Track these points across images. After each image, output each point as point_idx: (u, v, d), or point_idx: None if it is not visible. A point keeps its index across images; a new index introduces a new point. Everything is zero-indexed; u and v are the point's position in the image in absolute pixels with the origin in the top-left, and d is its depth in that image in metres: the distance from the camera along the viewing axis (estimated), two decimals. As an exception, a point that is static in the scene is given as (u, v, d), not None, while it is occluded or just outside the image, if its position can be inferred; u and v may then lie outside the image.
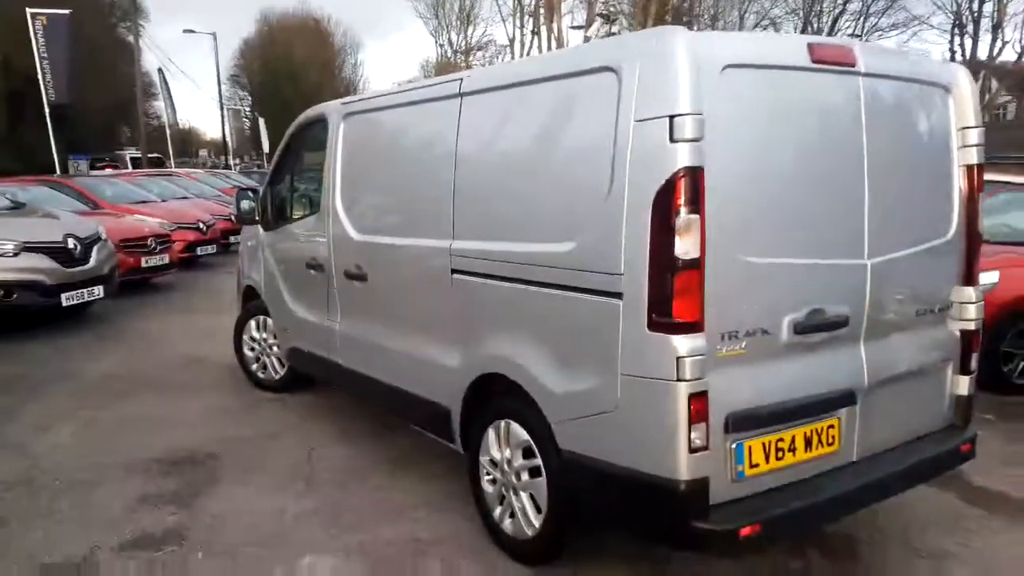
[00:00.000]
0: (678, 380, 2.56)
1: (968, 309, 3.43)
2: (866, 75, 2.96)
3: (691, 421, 2.58)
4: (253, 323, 5.90)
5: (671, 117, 2.50)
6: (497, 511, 3.47)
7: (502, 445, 3.40)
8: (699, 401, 2.59)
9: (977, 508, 3.99)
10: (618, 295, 2.70)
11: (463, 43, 39.57)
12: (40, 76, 18.38)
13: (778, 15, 40.70)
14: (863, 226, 2.97)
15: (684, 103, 2.49)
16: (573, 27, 27.38)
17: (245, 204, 5.57)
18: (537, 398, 3.11)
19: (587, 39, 27.24)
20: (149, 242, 10.26)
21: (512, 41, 31.93)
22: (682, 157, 2.50)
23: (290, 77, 51.61)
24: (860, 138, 2.94)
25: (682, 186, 2.50)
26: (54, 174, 17.20)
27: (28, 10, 18.19)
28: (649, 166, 2.57)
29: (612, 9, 27.85)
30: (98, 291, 8.09)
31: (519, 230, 3.18)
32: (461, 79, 3.59)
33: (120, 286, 9.25)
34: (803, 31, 40.22)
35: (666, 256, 2.55)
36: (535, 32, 27.83)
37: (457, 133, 3.53)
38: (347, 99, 4.69)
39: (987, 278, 5.86)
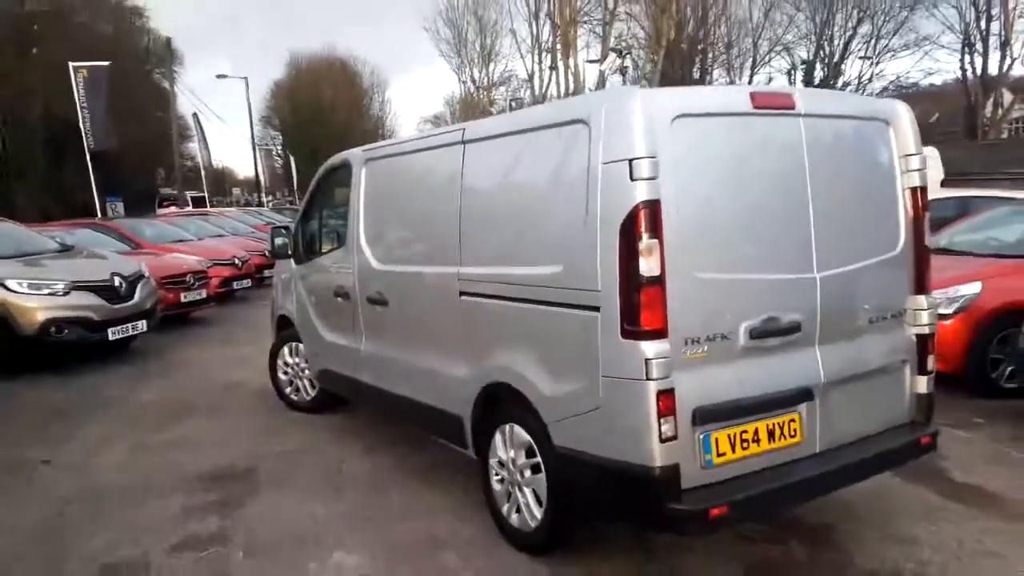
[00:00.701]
0: (647, 379, 2.98)
1: (921, 315, 3.81)
2: (806, 115, 3.40)
3: (660, 414, 3.00)
4: (286, 349, 6.41)
5: (630, 160, 2.96)
6: (505, 507, 3.89)
7: (508, 447, 3.82)
8: (667, 397, 3.00)
9: (952, 501, 4.30)
10: (596, 309, 3.14)
11: (485, 79, 40.58)
12: (81, 125, 19.39)
13: (790, 41, 41.11)
14: (811, 244, 3.38)
15: (640, 149, 2.96)
16: (589, 61, 28.17)
17: (279, 240, 6.13)
18: (535, 402, 3.54)
19: (601, 73, 28.06)
20: (187, 278, 10.88)
21: (531, 76, 32.72)
22: (640, 193, 2.95)
23: (319, 117, 53.04)
24: (803, 169, 3.37)
25: (642, 216, 2.95)
26: (95, 216, 18.00)
27: (71, 64, 19.30)
28: (615, 200, 3.02)
29: (624, 44, 28.51)
30: (141, 325, 8.68)
31: (515, 256, 3.65)
32: (463, 129, 4.10)
33: (161, 320, 9.91)
34: (815, 55, 40.64)
35: (633, 275, 2.99)
36: (553, 68, 28.57)
37: (461, 174, 4.03)
38: (368, 146, 5.22)
39: (970, 288, 6.24)
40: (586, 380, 3.23)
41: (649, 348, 2.99)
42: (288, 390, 6.47)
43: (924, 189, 3.83)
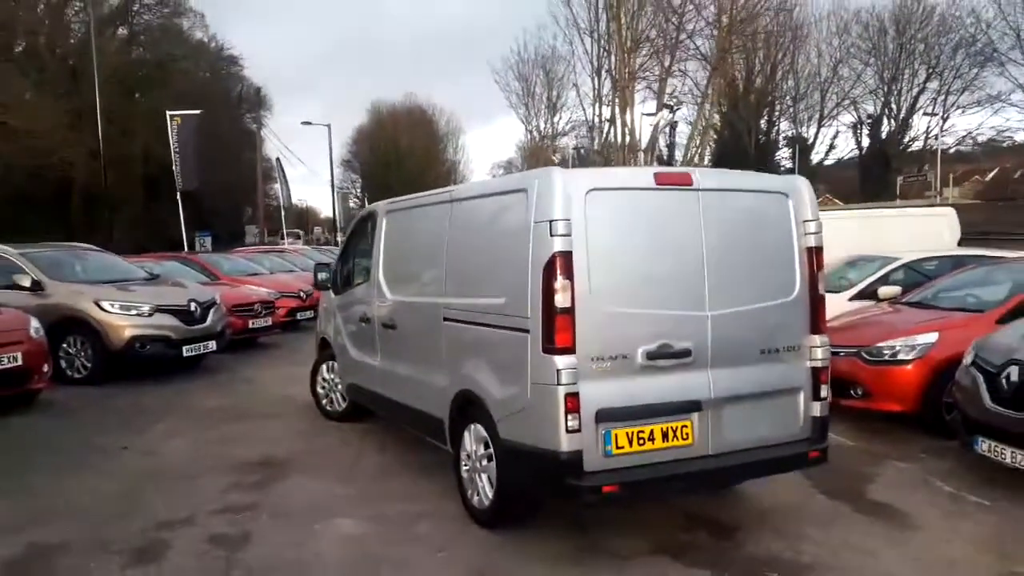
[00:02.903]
0: (558, 384, 3.98)
1: (816, 352, 4.68)
2: (703, 190, 4.37)
3: (567, 411, 3.98)
4: (324, 367, 7.59)
5: (550, 221, 4.01)
6: (469, 491, 4.88)
7: (472, 442, 4.83)
8: (572, 399, 3.99)
9: (859, 513, 5.05)
10: (527, 331, 4.16)
11: (550, 129, 42.29)
12: (174, 167, 21.56)
13: (858, 95, 41.38)
14: (703, 288, 4.32)
15: (557, 212, 4.01)
16: (645, 114, 29.47)
17: (322, 275, 7.38)
18: (488, 404, 4.56)
19: (655, 126, 29.32)
20: (256, 307, 12.31)
21: (591, 128, 34.13)
22: (556, 245, 3.99)
23: (395, 162, 55.73)
24: (699, 231, 4.33)
25: (557, 263, 3.99)
26: (182, 250, 19.90)
27: (168, 112, 21.61)
28: (541, 250, 4.06)
29: (674, 100, 29.71)
30: (212, 345, 10.07)
31: (478, 289, 4.72)
32: (451, 190, 5.25)
33: (231, 343, 11.37)
34: (882, 110, 40.77)
35: (550, 306, 4.01)
36: (611, 121, 29.89)
37: (448, 226, 5.15)
38: (390, 200, 6.42)
39: (926, 338, 6.94)
40: (521, 385, 4.23)
41: (560, 361, 3.99)
42: (324, 402, 7.62)
43: (820, 248, 4.72)
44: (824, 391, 4.70)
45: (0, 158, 27.77)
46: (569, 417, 3.98)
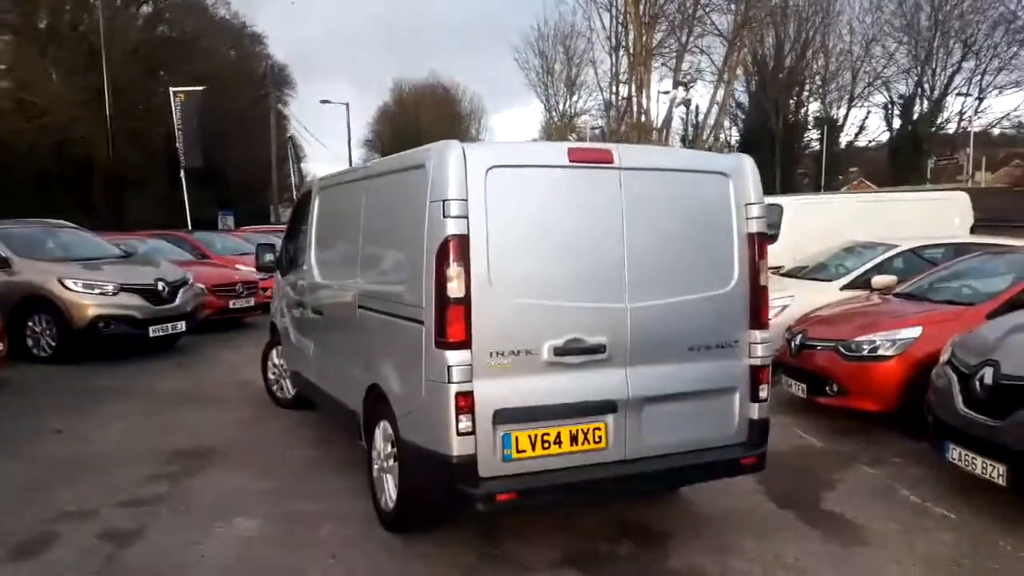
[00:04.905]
0: (449, 382, 3.59)
1: (756, 348, 4.24)
2: (625, 169, 3.92)
3: (458, 412, 3.59)
4: (274, 352, 7.27)
5: (444, 201, 3.59)
6: (378, 492, 4.52)
7: (381, 440, 4.47)
8: (465, 398, 3.59)
9: (806, 524, 4.61)
10: (421, 322, 3.77)
11: (569, 109, 41.58)
12: (177, 144, 21.40)
13: (890, 75, 40.04)
14: (623, 279, 3.88)
15: (452, 192, 3.58)
16: (662, 92, 28.78)
17: (267, 257, 7.03)
18: (392, 401, 4.19)
19: (672, 101, 28.68)
20: (237, 288, 12.06)
21: (609, 107, 33.42)
22: (450, 227, 3.58)
23: (416, 141, 54.99)
24: (619, 216, 3.88)
25: (451, 247, 3.57)
26: (186, 228, 19.73)
27: (171, 89, 21.42)
28: (434, 232, 3.65)
29: (688, 77, 28.94)
30: (181, 326, 9.83)
31: (384, 275, 4.34)
32: (367, 165, 4.83)
33: (212, 323, 11.24)
34: (915, 91, 39.42)
35: (443, 295, 3.60)
36: (627, 99, 29.24)
37: (363, 205, 4.76)
38: (323, 175, 6.04)
39: (909, 332, 6.44)
40: (417, 382, 3.85)
41: (451, 357, 3.59)
42: (275, 388, 7.32)
43: (763, 235, 4.26)
44: (763, 392, 4.27)
45: (24, 138, 27.98)
46: (461, 418, 3.59)
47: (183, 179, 21.88)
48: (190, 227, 21.45)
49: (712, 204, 4.18)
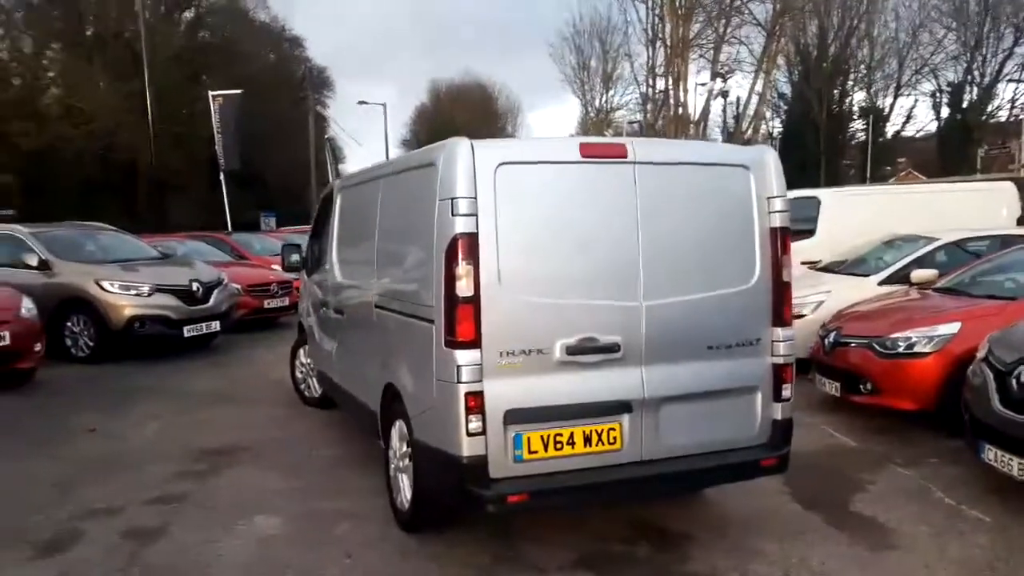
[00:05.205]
0: (458, 382, 3.55)
1: (778, 347, 4.12)
2: (640, 163, 3.83)
3: (468, 412, 3.55)
4: (301, 351, 7.33)
5: (452, 199, 3.56)
6: (394, 491, 4.51)
7: (397, 440, 4.46)
8: (475, 398, 3.55)
9: (833, 527, 4.46)
10: (432, 321, 3.74)
11: (605, 104, 41.23)
12: (216, 147, 21.77)
13: (938, 63, 38.89)
14: (638, 275, 3.79)
15: (460, 190, 3.54)
16: (699, 84, 28.38)
17: (293, 257, 7.07)
18: (406, 400, 4.17)
19: (709, 93, 28.26)
20: (272, 288, 12.22)
21: (646, 100, 33.04)
22: (459, 226, 3.54)
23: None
24: (633, 211, 3.79)
25: (459, 246, 3.54)
26: (226, 230, 20.03)
27: (210, 93, 21.79)
28: (444, 231, 3.62)
29: (725, 69, 28.42)
30: (215, 326, 10.00)
31: (399, 274, 4.32)
32: (384, 164, 4.83)
33: (249, 323, 11.49)
34: (964, 78, 38.25)
35: (451, 294, 3.57)
36: (664, 91, 28.90)
37: (379, 204, 4.75)
38: (345, 175, 6.05)
39: (948, 328, 6.22)
40: (428, 382, 3.82)
41: (461, 356, 3.56)
42: (302, 387, 7.38)
43: (786, 229, 4.14)
44: (787, 391, 4.14)
45: (71, 144, 28.78)
46: (471, 418, 3.56)
47: (223, 182, 22.23)
48: (230, 229, 21.79)
49: (732, 198, 4.07)
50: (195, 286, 9.81)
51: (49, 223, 11.03)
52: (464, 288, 3.54)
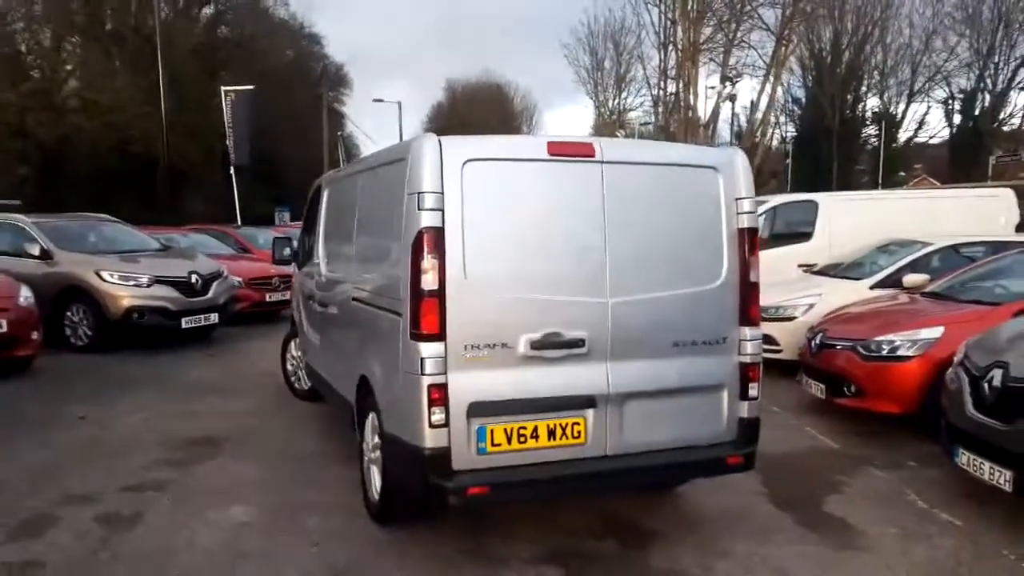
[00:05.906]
0: (422, 374, 3.60)
1: (745, 346, 4.14)
2: (608, 163, 3.86)
3: (432, 404, 3.59)
4: (292, 344, 7.40)
5: (419, 193, 3.61)
6: (367, 483, 4.56)
7: (370, 432, 4.51)
8: (438, 391, 3.59)
9: (803, 527, 4.48)
10: (399, 313, 3.79)
11: (618, 106, 41.21)
12: (228, 142, 21.95)
13: (951, 69, 38.63)
14: (604, 273, 3.83)
15: (426, 184, 3.59)
16: (710, 87, 28.37)
17: (285, 251, 7.14)
18: (376, 392, 4.22)
19: (718, 96, 28.24)
20: (274, 281, 12.33)
21: (657, 102, 33.04)
22: (425, 220, 3.58)
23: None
24: (600, 209, 3.83)
25: (425, 239, 3.58)
26: (234, 223, 20.23)
27: (223, 88, 21.94)
28: (410, 225, 3.67)
29: (733, 72, 28.38)
30: (213, 318, 10.10)
31: (372, 267, 4.37)
32: (364, 159, 4.88)
33: (250, 316, 11.65)
34: (976, 85, 37.96)
35: (417, 287, 3.62)
36: (676, 94, 28.88)
37: (358, 199, 4.81)
38: (332, 171, 6.12)
39: (930, 332, 6.21)
40: (395, 374, 3.87)
41: (425, 349, 3.60)
42: (293, 379, 7.44)
43: (754, 230, 4.17)
44: (753, 390, 4.16)
45: (89, 136, 29.03)
46: (434, 410, 3.60)
47: (232, 176, 22.43)
48: (239, 222, 21.99)
49: (700, 199, 4.10)
50: (194, 278, 9.92)
51: (54, 214, 11.15)
52: (429, 282, 3.59)
